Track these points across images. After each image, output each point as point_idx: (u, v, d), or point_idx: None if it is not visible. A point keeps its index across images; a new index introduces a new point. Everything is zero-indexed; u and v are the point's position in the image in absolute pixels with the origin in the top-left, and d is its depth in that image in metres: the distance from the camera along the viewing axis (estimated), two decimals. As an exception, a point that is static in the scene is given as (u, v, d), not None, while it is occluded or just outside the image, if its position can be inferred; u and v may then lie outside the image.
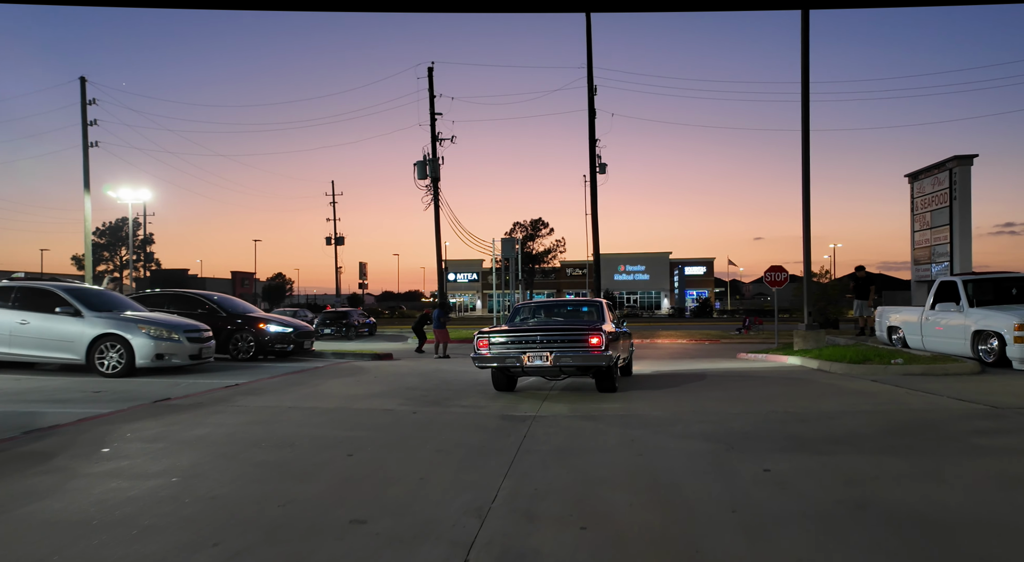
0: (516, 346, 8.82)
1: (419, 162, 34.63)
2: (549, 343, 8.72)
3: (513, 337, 8.94)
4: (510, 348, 8.84)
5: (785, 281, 19.02)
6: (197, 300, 14.48)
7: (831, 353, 13.11)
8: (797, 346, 15.80)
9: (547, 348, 8.66)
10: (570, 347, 8.68)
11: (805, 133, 16.73)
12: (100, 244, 65.24)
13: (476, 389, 10.09)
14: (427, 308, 20.61)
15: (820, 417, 7.14)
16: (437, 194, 35.50)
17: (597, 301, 11.01)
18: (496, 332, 9.10)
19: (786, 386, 10.06)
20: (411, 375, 12.25)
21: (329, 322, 29.70)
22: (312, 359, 15.37)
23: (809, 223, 16.87)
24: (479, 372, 13.03)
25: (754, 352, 17.41)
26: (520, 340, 8.86)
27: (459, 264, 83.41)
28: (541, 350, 8.66)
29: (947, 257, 27.04)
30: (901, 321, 14.28)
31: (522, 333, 8.99)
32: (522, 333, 8.99)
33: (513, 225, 61.86)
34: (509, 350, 8.82)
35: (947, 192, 28.48)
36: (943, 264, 27.14)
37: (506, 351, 8.83)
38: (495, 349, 8.92)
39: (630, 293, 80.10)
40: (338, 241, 63.76)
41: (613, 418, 7.37)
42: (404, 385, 10.48)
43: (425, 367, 14.25)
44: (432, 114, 35.97)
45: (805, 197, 16.86)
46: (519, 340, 8.86)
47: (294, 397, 8.94)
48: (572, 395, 9.38)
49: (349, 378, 11.41)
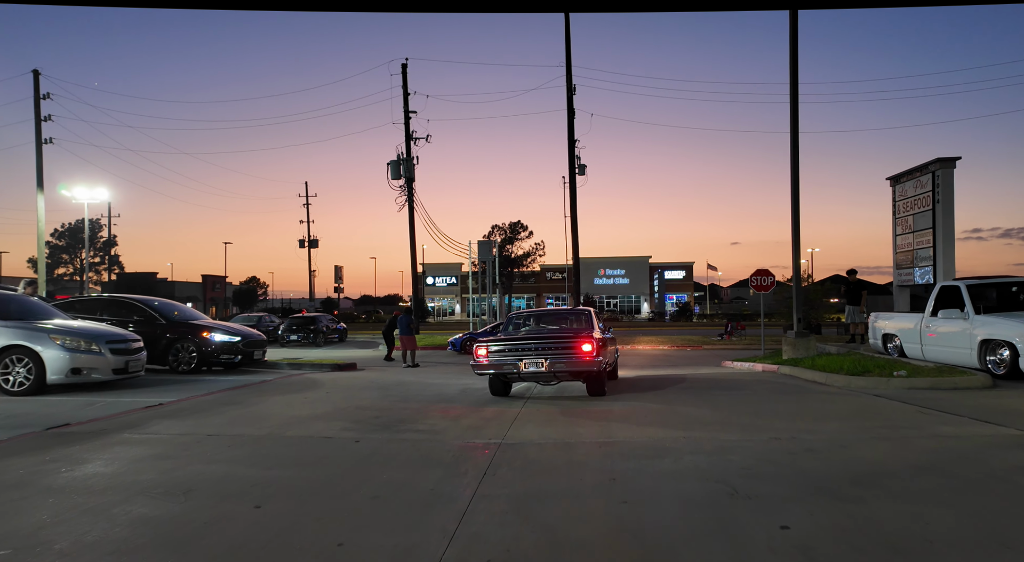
0: (513, 354, 9.34)
1: (393, 162, 33.40)
2: (544, 350, 9.25)
3: (510, 345, 9.45)
4: (507, 356, 9.35)
5: (772, 285, 18.15)
6: (134, 306, 13.12)
7: (826, 363, 12.19)
8: (786, 354, 14.89)
9: (542, 355, 9.21)
10: (563, 354, 9.21)
11: (794, 135, 15.87)
12: (59, 246, 62.84)
13: (438, 407, 8.95)
14: (396, 311, 19.41)
15: (832, 446, 6.11)
16: (411, 195, 34.30)
17: (586, 310, 11.44)
18: (494, 341, 9.62)
19: (783, 403, 9.05)
20: (369, 389, 11.07)
21: (295, 328, 28.32)
22: (263, 371, 14.09)
23: (798, 225, 15.99)
24: (445, 386, 11.90)
25: (740, 360, 16.47)
26: (516, 348, 9.37)
27: (438, 268, 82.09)
28: (536, 357, 9.21)
29: (930, 261, 26.45)
30: (897, 328, 13.42)
31: (518, 342, 9.50)
32: (518, 342, 9.50)
33: (491, 228, 60.76)
34: (506, 358, 9.34)
35: (930, 195, 27.94)
36: (926, 268, 26.58)
37: (503, 359, 9.36)
38: (493, 357, 9.42)
39: (610, 297, 79.38)
40: (312, 244, 62.13)
41: (591, 447, 6.28)
42: (357, 403, 9.30)
43: (388, 379, 13.07)
44: (406, 112, 34.78)
45: (794, 199, 15.98)
46: (515, 348, 9.38)
47: (220, 421, 7.71)
48: (544, 414, 8.29)
49: (296, 395, 10.19)
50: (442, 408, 8.91)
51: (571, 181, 35.66)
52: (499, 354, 9.44)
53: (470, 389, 11.41)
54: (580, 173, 36.28)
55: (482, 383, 12.28)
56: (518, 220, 60.33)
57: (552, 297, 78.74)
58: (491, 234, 59.86)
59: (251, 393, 10.21)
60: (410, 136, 34.72)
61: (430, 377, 13.75)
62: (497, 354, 9.45)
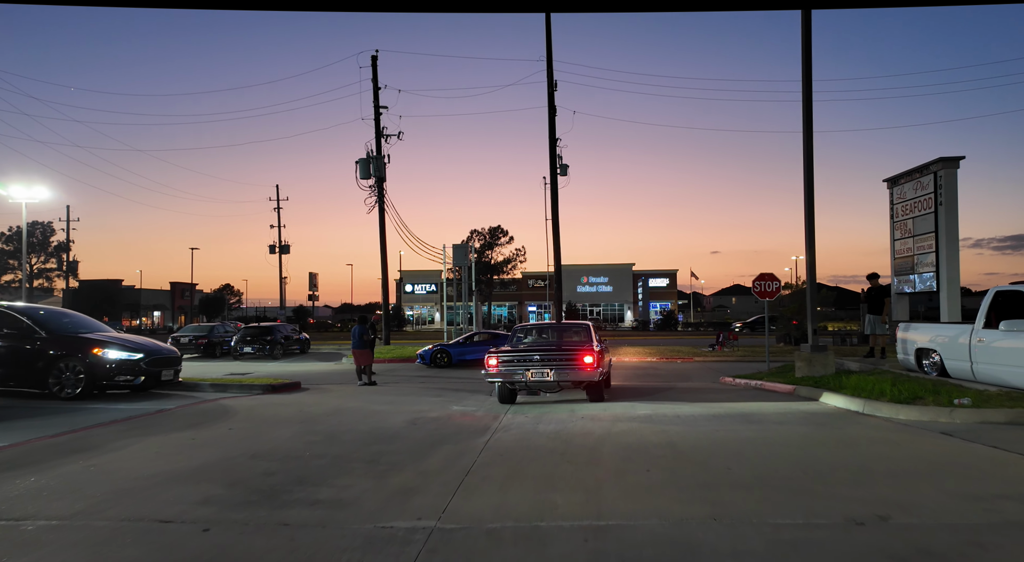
0: (520, 364, 10.16)
1: (362, 160, 31.02)
2: (548, 361, 10.11)
3: (518, 356, 10.29)
4: (515, 366, 10.18)
5: (777, 292, 16.04)
6: (7, 316, 10.58)
7: (857, 385, 10.01)
8: (800, 371, 12.72)
9: (547, 366, 10.08)
10: (567, 365, 10.03)
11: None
12: (6, 251, 59.29)
13: (367, 452, 6.61)
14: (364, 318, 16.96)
15: (958, 545, 3.84)
16: (382, 195, 31.93)
17: (586, 324, 12.15)
18: (503, 352, 10.48)
19: (831, 448, 6.82)
20: (289, 423, 8.68)
21: (250, 339, 25.68)
22: (173, 395, 11.61)
23: (812, 227, 13.91)
24: (391, 414, 9.58)
25: (742, 377, 14.27)
26: (524, 359, 10.22)
27: (416, 275, 79.58)
28: (542, 367, 10.07)
29: (932, 267, 24.56)
30: (937, 342, 11.27)
31: (525, 353, 10.33)
32: (525, 353, 10.33)
33: (470, 233, 58.42)
34: (514, 367, 10.18)
35: (932, 197, 26.08)
36: (927, 274, 24.74)
37: (512, 368, 10.20)
38: (503, 367, 10.24)
39: (593, 305, 77.35)
40: (283, 249, 59.34)
41: (572, 539, 3.97)
42: (258, 447, 6.91)
43: (324, 405, 10.68)
44: (376, 107, 32.45)
45: (808, 200, 13.92)
46: (523, 359, 10.22)
47: (27, 487, 5.28)
48: (513, 459, 5.99)
49: (184, 433, 7.75)
50: (372, 453, 6.58)
51: (552, 181, 33.53)
52: (508, 364, 10.25)
53: (422, 419, 9.07)
54: (562, 173, 34.15)
55: (439, 412, 9.97)
56: (498, 225, 58.09)
57: (534, 305, 76.53)
58: (470, 239, 57.51)
59: (123, 432, 7.75)
60: (380, 133, 32.39)
61: (380, 401, 11.39)
62: (507, 364, 10.26)
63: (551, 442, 7.33)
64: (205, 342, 26.33)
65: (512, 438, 7.57)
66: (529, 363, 10.15)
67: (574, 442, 7.30)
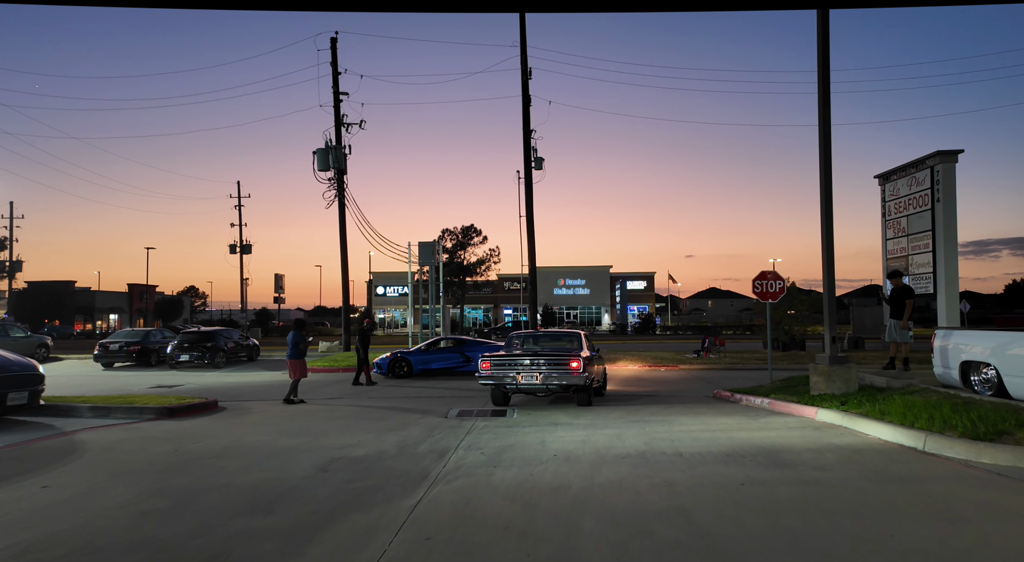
0: (511, 368, 10.80)
1: (320, 150, 28.43)
2: (538, 366, 10.73)
3: (509, 360, 10.88)
4: (506, 370, 10.81)
5: (782, 292, 13.92)
6: None
7: (906, 410, 7.83)
8: (817, 387, 10.58)
9: (537, 370, 10.71)
10: (555, 369, 10.65)
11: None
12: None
13: (218, 537, 4.21)
14: (301, 321, 14.39)
15: None
16: (342, 188, 29.36)
17: (578, 332, 12.50)
18: (495, 357, 10.98)
19: (928, 525, 4.59)
20: (143, 474, 6.24)
21: (187, 346, 22.94)
22: (19, 425, 9.04)
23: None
24: (301, 453, 7.20)
25: (742, 392, 12.11)
26: (515, 363, 10.83)
27: (388, 277, 76.80)
28: (532, 371, 10.72)
29: (929, 268, 22.76)
30: (996, 354, 9.13)
31: (516, 357, 10.92)
32: (516, 357, 10.92)
33: (442, 232, 55.77)
34: (506, 371, 10.80)
35: (928, 193, 24.20)
36: (925, 275, 22.98)
37: (503, 372, 10.80)
38: (495, 370, 10.82)
39: (570, 308, 75.27)
40: (244, 249, 56.29)
41: None
42: (47, 530, 4.50)
43: (221, 438, 8.24)
44: (336, 93, 29.87)
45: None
46: (515, 363, 10.83)
47: None
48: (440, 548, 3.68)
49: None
50: (227, 537, 4.21)
51: (527, 175, 31.24)
52: (500, 367, 10.75)
53: (340, 461, 6.72)
54: (537, 167, 31.83)
55: (370, 446, 7.63)
56: (471, 224, 55.51)
57: (510, 308, 74.20)
58: (442, 239, 54.95)
59: None
60: (340, 121, 29.87)
61: (298, 429, 8.98)
62: (498, 367, 10.75)
63: (508, 507, 5.03)
64: (138, 349, 23.53)
65: (454, 499, 5.24)
66: (520, 367, 10.76)
67: (541, 507, 5.00)
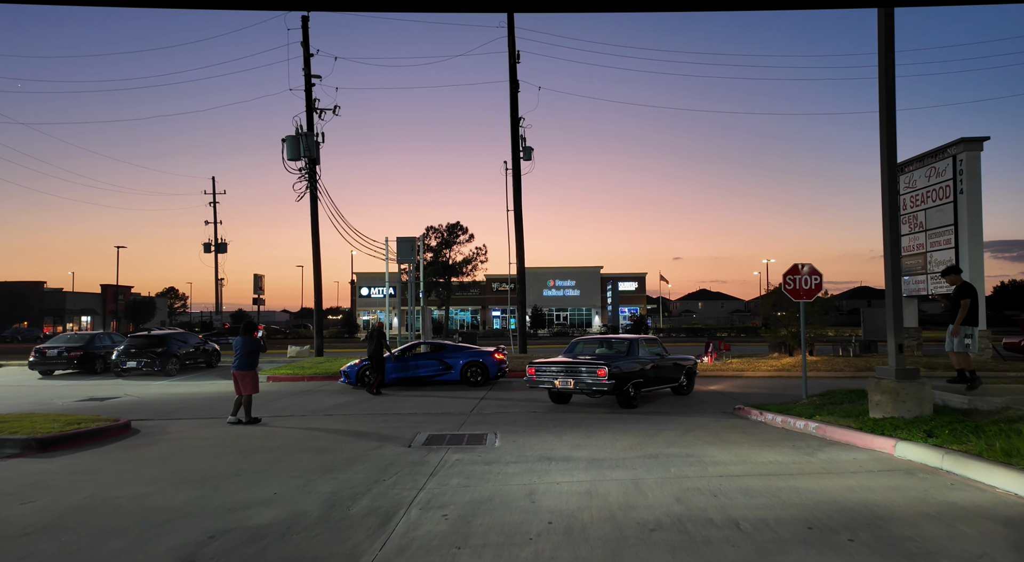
0: (549, 374, 11.72)
1: (290, 137, 26.03)
2: (571, 373, 11.47)
3: (547, 367, 11.83)
4: (545, 376, 11.76)
5: (817, 290, 11.70)
6: None
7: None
8: (881, 409, 8.35)
9: (570, 376, 11.45)
10: (587, 375, 11.28)
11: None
12: None
13: None
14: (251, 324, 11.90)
15: None
16: (314, 179, 26.95)
17: (631, 337, 13.04)
18: (539, 363, 12.03)
19: None
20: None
21: (135, 351, 20.48)
22: None
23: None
24: (172, 524, 4.81)
25: (773, 410, 9.88)
26: (552, 370, 11.73)
27: (372, 277, 74.30)
28: (567, 377, 11.48)
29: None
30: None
31: (552, 364, 11.84)
32: (552, 364, 11.84)
33: (426, 229, 53.33)
34: (544, 377, 11.77)
35: (950, 184, 21.92)
36: (944, 274, 20.82)
37: (543, 378, 11.78)
38: (538, 375, 11.82)
39: (560, 310, 73.12)
40: (219, 248, 53.71)
41: None
42: None
43: (77, 494, 5.92)
44: (307, 76, 27.46)
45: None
46: (551, 370, 11.74)
47: None
48: None
49: None
50: None
51: (515, 165, 28.97)
52: (541, 374, 11.83)
53: (224, 538, 4.42)
54: (526, 157, 29.58)
55: (285, 505, 5.31)
56: (457, 221, 53.19)
57: (498, 309, 71.93)
58: (426, 236, 52.56)
59: None
60: (313, 106, 27.49)
61: (195, 476, 6.67)
62: (540, 374, 11.83)
63: None
64: (79, 355, 21.05)
65: None
66: (556, 373, 11.63)
67: None
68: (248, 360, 10.73)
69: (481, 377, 16.13)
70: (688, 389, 13.58)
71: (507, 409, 11.73)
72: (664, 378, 12.70)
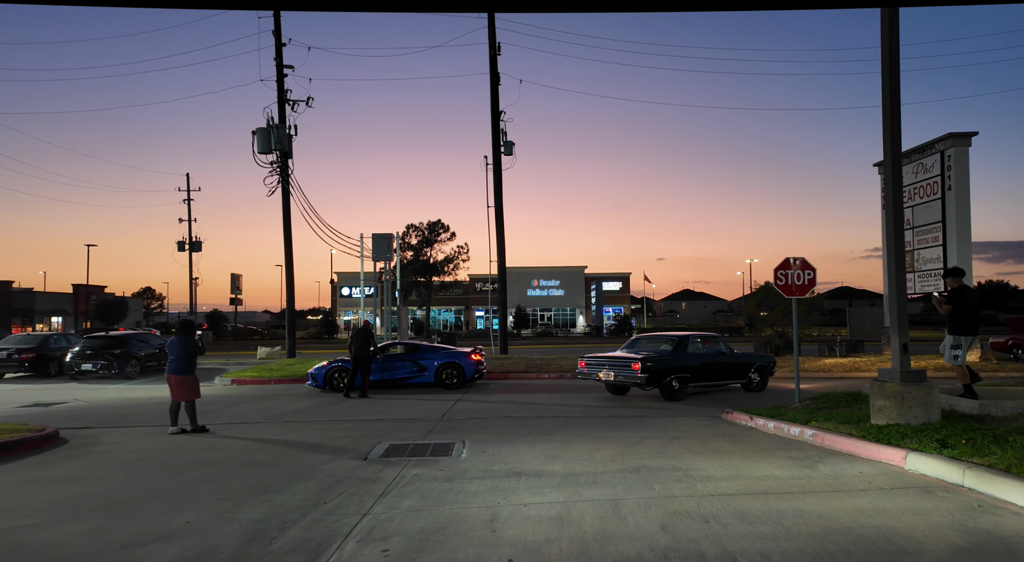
0: (595, 368, 12.89)
1: (261, 129, 24.92)
2: (613, 366, 12.55)
3: (594, 361, 13.06)
4: (592, 369, 12.95)
5: (811, 285, 10.97)
6: None
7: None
8: (885, 415, 7.58)
9: (612, 370, 12.51)
10: (622, 370, 12.33)
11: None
12: None
13: None
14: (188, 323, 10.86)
15: None
16: (286, 173, 25.90)
17: (682, 335, 13.55)
18: (589, 357, 13.30)
19: None
20: None
21: (91, 353, 19.34)
22: None
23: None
24: None
25: (764, 416, 9.12)
26: (598, 364, 12.90)
27: (353, 277, 72.99)
28: (610, 370, 12.54)
29: (939, 264, 20.06)
30: None
31: (598, 358, 13.10)
32: (598, 358, 13.10)
33: (406, 227, 52.26)
34: (591, 370, 12.97)
35: (938, 181, 21.31)
36: (934, 272, 20.35)
37: (590, 371, 12.99)
38: (588, 369, 13.07)
39: (544, 310, 72.32)
40: (194, 246, 52.25)
41: None
42: None
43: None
44: (279, 66, 26.39)
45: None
46: (596, 363, 12.95)
47: None
48: None
49: None
50: None
51: (495, 159, 28.09)
52: (588, 366, 13.08)
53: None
54: (507, 152, 28.69)
55: (178, 549, 4.34)
56: (438, 219, 52.15)
57: (481, 309, 70.97)
58: (407, 235, 51.53)
59: None
60: (285, 98, 26.46)
61: (103, 500, 5.76)
62: (588, 366, 13.09)
63: None
64: (32, 357, 19.87)
65: None
66: (599, 367, 12.70)
67: None
68: (186, 363, 9.78)
69: (457, 379, 15.26)
70: (760, 386, 13.74)
71: (481, 414, 10.88)
72: (723, 374, 13.28)
